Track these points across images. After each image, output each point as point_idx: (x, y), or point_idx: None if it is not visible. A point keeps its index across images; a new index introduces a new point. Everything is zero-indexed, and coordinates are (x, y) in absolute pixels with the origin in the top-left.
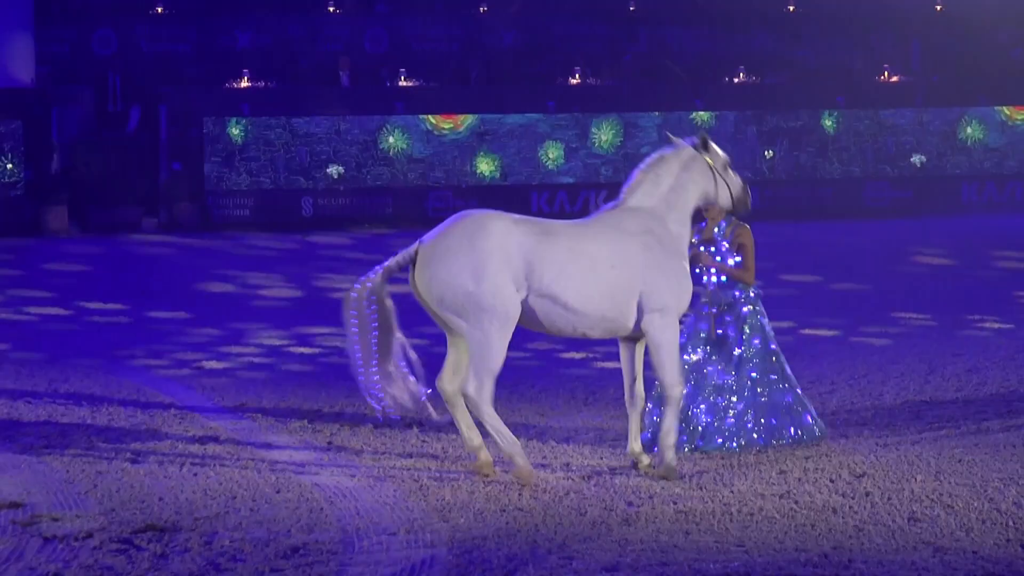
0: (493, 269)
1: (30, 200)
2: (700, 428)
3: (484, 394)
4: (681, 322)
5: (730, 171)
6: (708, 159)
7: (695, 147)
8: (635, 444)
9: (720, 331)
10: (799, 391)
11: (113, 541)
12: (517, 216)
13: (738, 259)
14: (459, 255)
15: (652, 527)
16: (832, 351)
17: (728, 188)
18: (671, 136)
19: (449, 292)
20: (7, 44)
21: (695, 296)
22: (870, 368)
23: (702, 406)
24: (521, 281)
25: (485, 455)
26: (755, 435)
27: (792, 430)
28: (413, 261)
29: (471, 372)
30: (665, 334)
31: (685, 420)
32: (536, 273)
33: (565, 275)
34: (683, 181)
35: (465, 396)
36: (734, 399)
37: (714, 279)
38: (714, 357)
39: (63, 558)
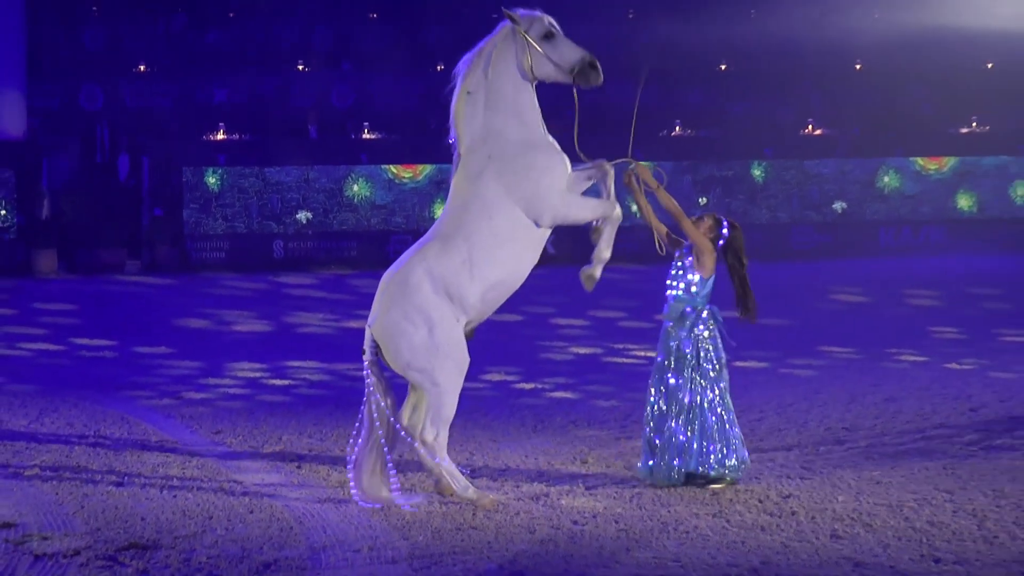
0: (436, 312)
1: (22, 243)
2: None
3: (441, 441)
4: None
5: (560, 40)
6: (520, 31)
7: (511, 22)
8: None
9: (675, 344)
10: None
11: (99, 558)
12: (413, 252)
13: (697, 277)
14: (404, 320)
15: (596, 544)
16: (761, 382)
17: (550, 60)
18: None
19: (413, 354)
20: (0, 99)
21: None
22: (796, 397)
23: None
24: (458, 312)
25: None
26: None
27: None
28: (377, 345)
29: (428, 422)
30: (553, 190)
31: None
32: (457, 297)
33: (480, 271)
34: (496, 74)
35: (423, 443)
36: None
37: (674, 292)
38: (679, 380)
39: (52, 574)
